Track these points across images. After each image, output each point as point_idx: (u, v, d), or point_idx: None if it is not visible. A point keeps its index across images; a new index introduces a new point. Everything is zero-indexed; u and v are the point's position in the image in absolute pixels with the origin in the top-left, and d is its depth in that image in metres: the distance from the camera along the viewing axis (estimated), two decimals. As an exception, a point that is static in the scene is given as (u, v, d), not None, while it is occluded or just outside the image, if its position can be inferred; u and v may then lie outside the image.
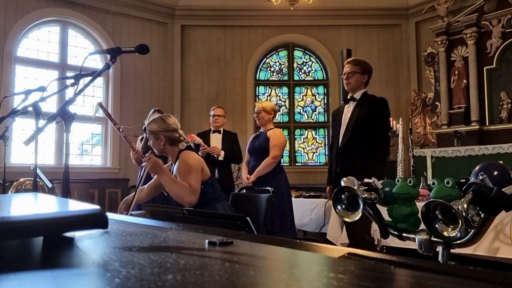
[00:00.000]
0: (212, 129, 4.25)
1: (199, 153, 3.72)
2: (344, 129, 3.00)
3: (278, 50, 7.58)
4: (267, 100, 7.39)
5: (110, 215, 0.71)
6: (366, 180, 1.21)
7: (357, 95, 3.02)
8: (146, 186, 2.63)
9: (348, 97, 3.10)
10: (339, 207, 1.19)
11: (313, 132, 7.56)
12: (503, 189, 0.98)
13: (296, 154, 7.45)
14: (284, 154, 7.48)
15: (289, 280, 0.46)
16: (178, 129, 2.49)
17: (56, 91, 2.42)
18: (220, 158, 4.06)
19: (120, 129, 3.45)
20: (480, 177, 1.03)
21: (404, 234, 1.13)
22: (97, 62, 6.41)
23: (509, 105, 5.85)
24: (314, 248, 0.65)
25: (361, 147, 2.89)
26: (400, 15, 7.26)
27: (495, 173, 1.10)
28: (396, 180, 1.18)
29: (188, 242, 0.72)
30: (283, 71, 7.60)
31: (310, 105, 7.60)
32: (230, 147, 4.17)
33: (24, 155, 5.75)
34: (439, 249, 1.08)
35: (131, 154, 3.76)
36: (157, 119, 2.50)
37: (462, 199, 0.99)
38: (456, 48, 6.32)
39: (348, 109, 3.04)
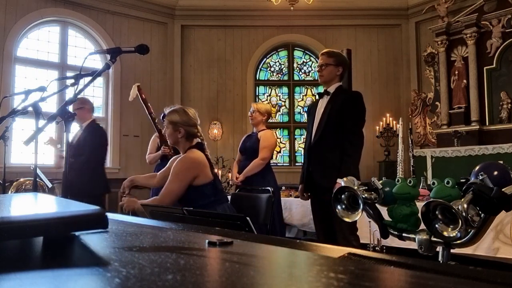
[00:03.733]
0: None
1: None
2: (317, 125, 2.84)
3: (278, 50, 7.58)
4: (267, 100, 7.42)
5: (110, 215, 0.71)
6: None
7: (331, 89, 2.86)
8: (158, 173, 2.65)
9: (322, 91, 2.96)
10: (339, 207, 1.19)
11: (313, 132, 7.56)
12: (503, 189, 0.98)
13: (296, 154, 7.44)
14: (284, 154, 7.53)
15: (289, 280, 0.46)
16: (197, 124, 2.46)
17: (56, 91, 2.41)
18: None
19: (152, 115, 3.37)
20: (480, 177, 1.03)
21: (404, 234, 1.13)
22: (97, 62, 6.41)
23: (509, 105, 5.84)
24: (314, 248, 0.65)
25: (333, 144, 2.73)
26: (400, 15, 7.25)
27: (495, 173, 1.10)
28: (396, 180, 1.18)
29: (188, 242, 0.72)
30: (283, 71, 7.59)
31: (310, 105, 7.60)
32: (77, 147, 3.42)
33: (24, 155, 5.74)
34: (439, 249, 1.08)
35: (163, 148, 3.59)
36: (179, 110, 2.44)
37: (462, 199, 0.99)
38: (456, 48, 6.32)
39: (322, 104, 2.88)
